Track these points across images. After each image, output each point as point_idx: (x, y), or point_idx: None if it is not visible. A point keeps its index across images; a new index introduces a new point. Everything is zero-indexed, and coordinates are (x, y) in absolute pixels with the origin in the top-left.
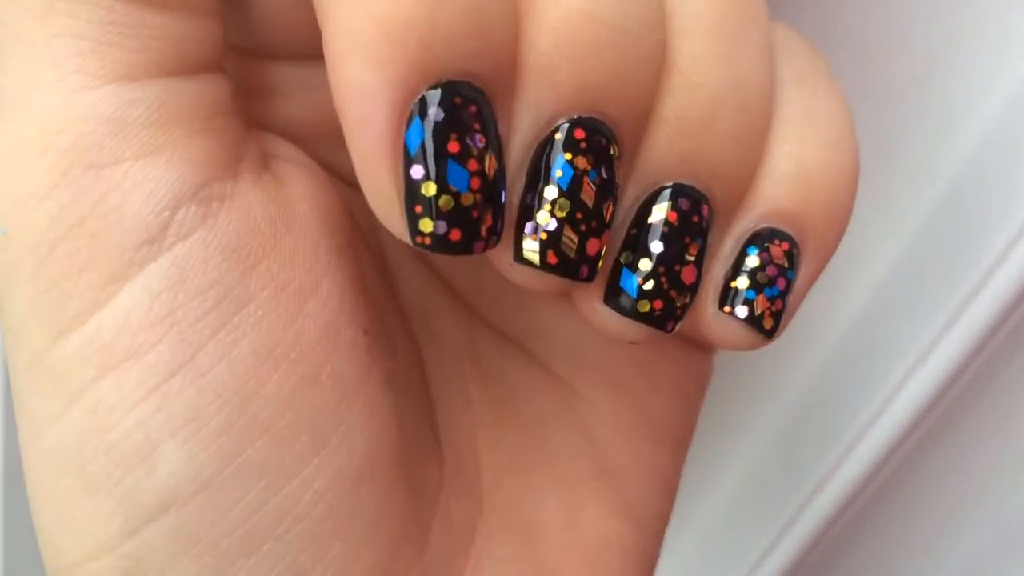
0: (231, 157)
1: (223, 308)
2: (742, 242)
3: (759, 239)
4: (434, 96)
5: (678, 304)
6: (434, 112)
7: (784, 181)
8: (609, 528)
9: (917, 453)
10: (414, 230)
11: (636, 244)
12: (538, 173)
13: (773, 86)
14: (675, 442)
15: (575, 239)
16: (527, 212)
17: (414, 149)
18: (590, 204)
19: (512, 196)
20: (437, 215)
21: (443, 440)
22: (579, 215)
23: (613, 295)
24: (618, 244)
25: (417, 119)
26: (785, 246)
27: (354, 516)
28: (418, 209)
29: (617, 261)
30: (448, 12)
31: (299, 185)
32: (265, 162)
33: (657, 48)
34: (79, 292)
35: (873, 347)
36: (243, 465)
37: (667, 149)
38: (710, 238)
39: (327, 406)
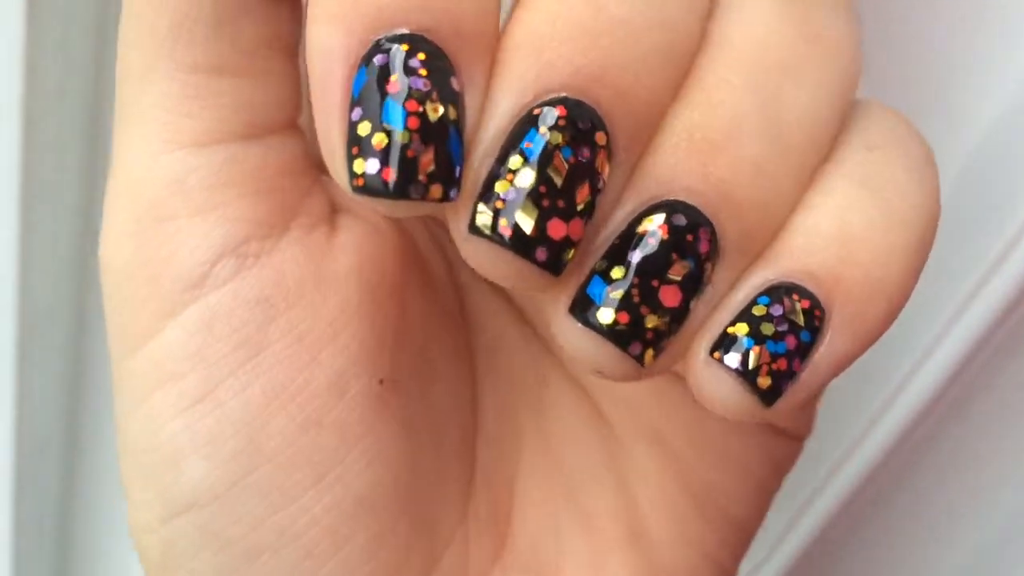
0: (281, 215)
1: (242, 352)
2: (757, 292)
3: (776, 291)
4: (381, 43)
5: (649, 325)
6: (378, 58)
7: (819, 238)
8: None
9: (918, 453)
10: (351, 174)
11: (616, 254)
12: (510, 145)
13: (831, 140)
14: (728, 522)
15: (534, 213)
16: (491, 182)
17: (356, 93)
18: (558, 181)
19: (482, 169)
20: (370, 153)
21: (482, 473)
22: (543, 189)
23: (578, 304)
24: (599, 255)
25: (363, 66)
26: (806, 304)
27: (348, 541)
28: (355, 151)
29: (593, 271)
30: None
31: (351, 238)
32: (327, 215)
33: (672, 53)
34: (141, 321)
35: (874, 347)
36: (249, 485)
37: (673, 162)
38: (716, 275)
39: (327, 447)
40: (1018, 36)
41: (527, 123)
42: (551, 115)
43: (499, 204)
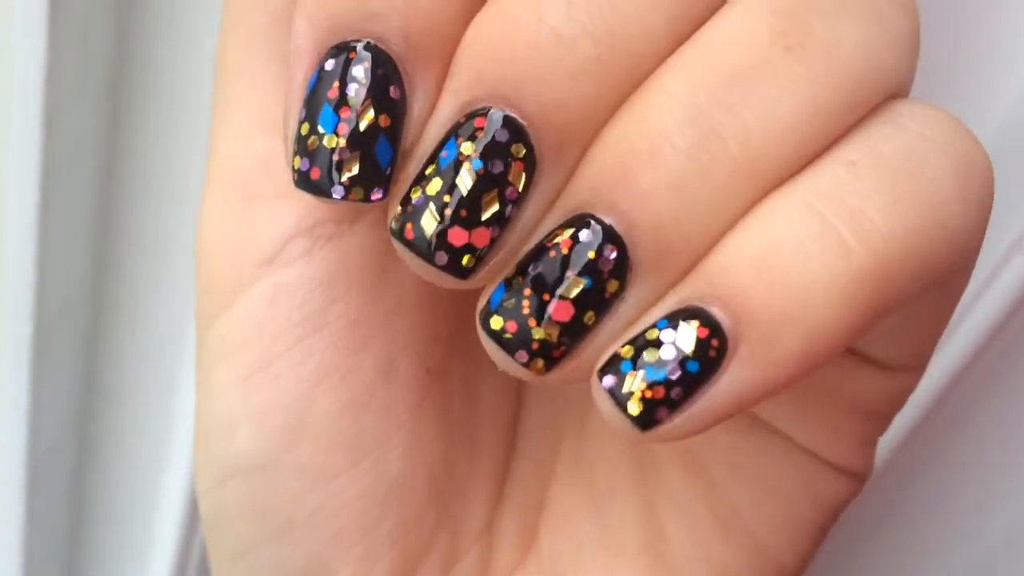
0: (357, 206)
1: (301, 328)
2: (663, 313)
3: (677, 315)
4: (336, 49)
5: (536, 336)
6: (328, 63)
7: (734, 258)
8: None
9: (918, 461)
10: (292, 168)
11: (523, 264)
12: (433, 153)
13: (800, 159)
14: (761, 553)
15: (435, 221)
16: (411, 186)
17: (308, 94)
18: (463, 192)
19: (413, 173)
20: (304, 153)
21: (515, 482)
22: (446, 198)
23: (484, 308)
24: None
25: (317, 68)
26: (702, 332)
27: (376, 527)
28: (295, 148)
29: (504, 277)
30: None
31: None
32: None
33: (611, 65)
34: (219, 293)
35: None
36: (290, 460)
37: (595, 174)
38: (628, 294)
39: (369, 431)
40: (1018, 43)
41: (451, 132)
42: (470, 125)
43: (409, 209)
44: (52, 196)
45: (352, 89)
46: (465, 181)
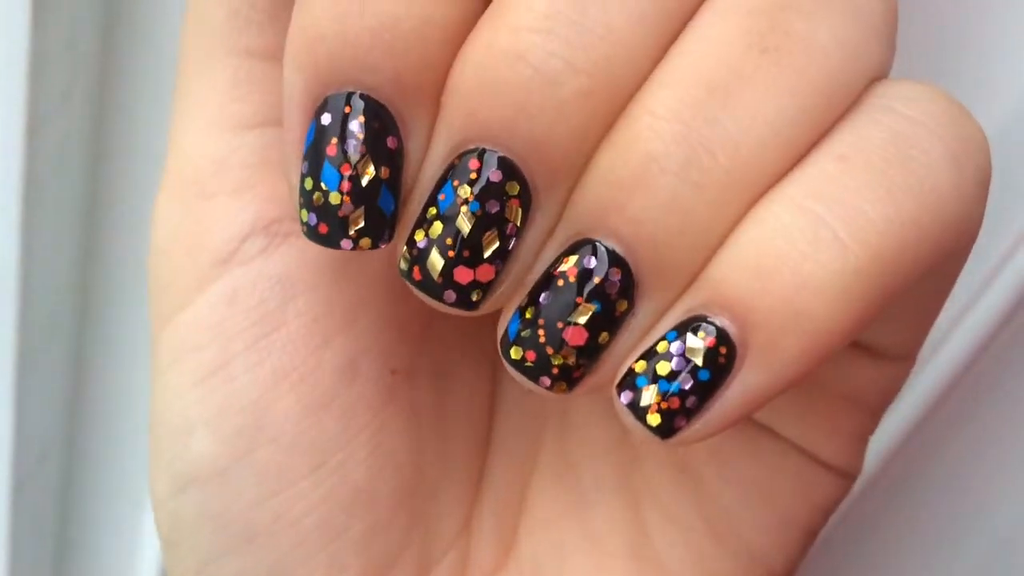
0: None
1: (258, 328)
2: (671, 325)
3: (684, 325)
4: (331, 102)
5: (555, 363)
6: (324, 117)
7: (733, 267)
8: None
9: (918, 461)
10: (300, 219)
11: (533, 294)
12: (432, 195)
13: (789, 160)
14: (751, 555)
15: (440, 263)
16: (414, 229)
17: (305, 148)
18: (464, 233)
19: (415, 212)
20: (311, 208)
21: (491, 484)
22: (448, 240)
23: (503, 338)
24: (527, 290)
25: (314, 122)
26: (711, 342)
27: (341, 533)
28: (300, 200)
29: (517, 307)
30: (357, 27)
31: None
32: None
33: (597, 95)
34: (175, 293)
35: None
36: (250, 464)
37: (588, 201)
38: (638, 309)
39: (330, 432)
40: (1019, 44)
41: (446, 175)
42: (465, 168)
43: (415, 252)
44: (36, 202)
45: (351, 146)
46: (465, 224)
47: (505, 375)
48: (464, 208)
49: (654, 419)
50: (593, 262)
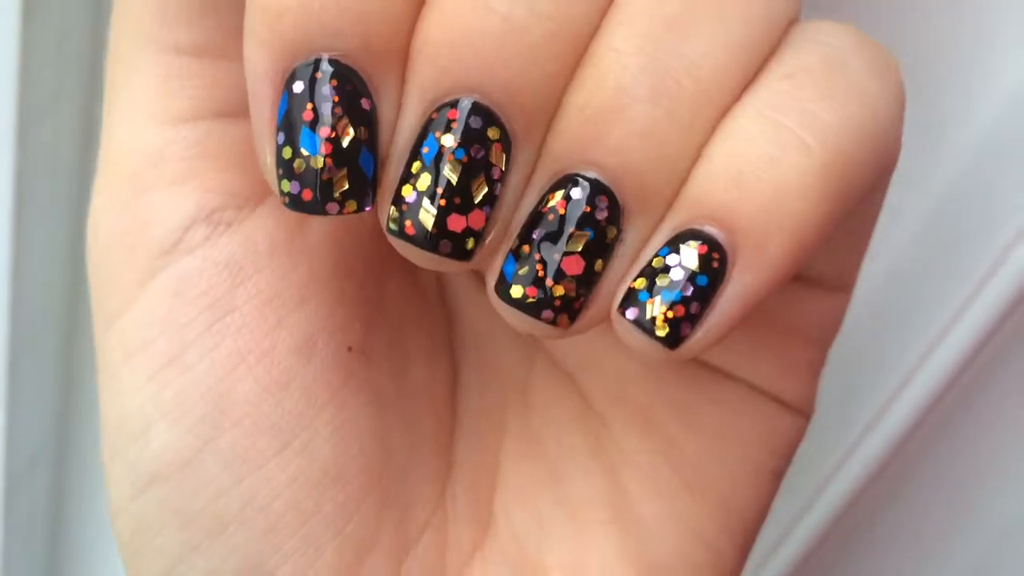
0: (257, 189)
1: (209, 314)
2: (660, 244)
3: (675, 240)
4: (300, 71)
5: (556, 294)
6: (296, 85)
7: (712, 180)
8: (616, 575)
9: (915, 458)
10: (280, 191)
11: (524, 233)
12: (414, 151)
13: (741, 81)
14: (724, 505)
15: (433, 213)
16: (400, 186)
17: (280, 118)
18: (453, 180)
19: (396, 172)
20: (292, 176)
21: (461, 462)
22: (439, 190)
23: (499, 281)
24: (515, 232)
25: (285, 92)
26: (702, 249)
27: (313, 515)
28: (280, 172)
29: (509, 250)
30: None
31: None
32: None
33: (563, 38)
34: (117, 292)
35: (871, 353)
36: (214, 452)
37: (566, 138)
38: (625, 235)
39: (292, 412)
40: (1014, 39)
41: (426, 128)
42: (444, 119)
43: (404, 207)
44: (27, 202)
45: (326, 108)
46: (453, 171)
47: (464, 355)
48: (450, 156)
49: (662, 329)
50: (580, 193)
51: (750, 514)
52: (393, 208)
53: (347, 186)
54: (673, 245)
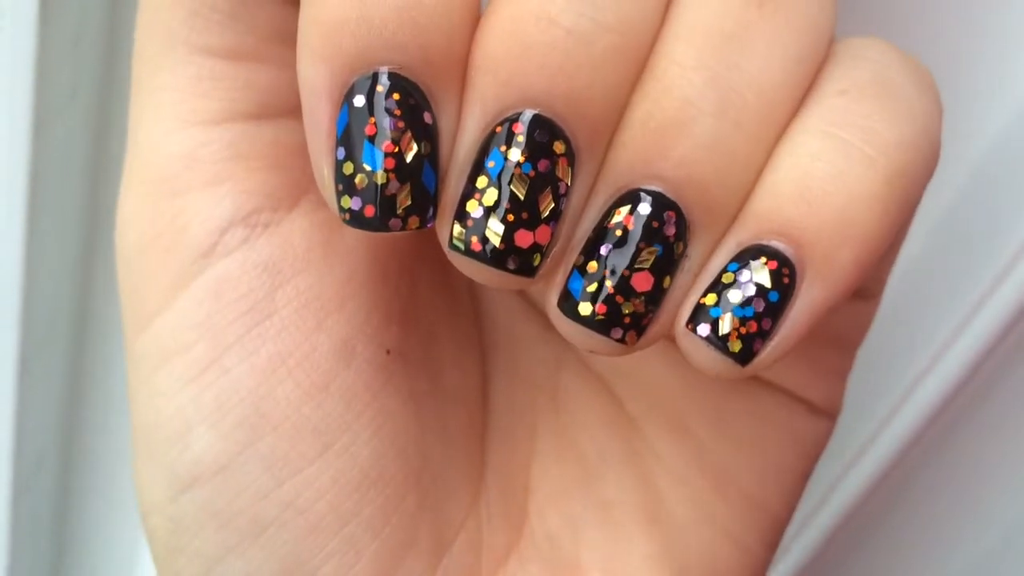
0: (292, 190)
1: (248, 318)
2: (727, 259)
3: (743, 255)
4: (359, 84)
5: (626, 311)
6: (357, 99)
7: (780, 195)
8: (650, 575)
9: (919, 464)
10: (340, 207)
11: (590, 249)
12: (478, 165)
13: (797, 97)
14: (752, 504)
15: (501, 229)
16: (463, 201)
17: (340, 132)
18: (520, 195)
19: (457, 188)
20: (353, 192)
21: (494, 464)
22: (507, 205)
23: (564, 298)
24: (578, 250)
25: (345, 106)
26: (772, 264)
27: (353, 517)
28: (339, 188)
29: (573, 266)
30: (380, 9)
31: None
32: None
33: (624, 51)
34: (152, 295)
35: (881, 358)
36: (254, 455)
37: (630, 151)
38: (690, 250)
39: (332, 415)
40: (1020, 51)
41: (489, 142)
42: (507, 132)
43: (470, 222)
44: (41, 200)
45: (388, 122)
46: (521, 186)
47: (494, 358)
48: (517, 171)
49: (735, 345)
50: (648, 208)
51: (778, 514)
52: (457, 224)
53: (410, 202)
54: (742, 260)
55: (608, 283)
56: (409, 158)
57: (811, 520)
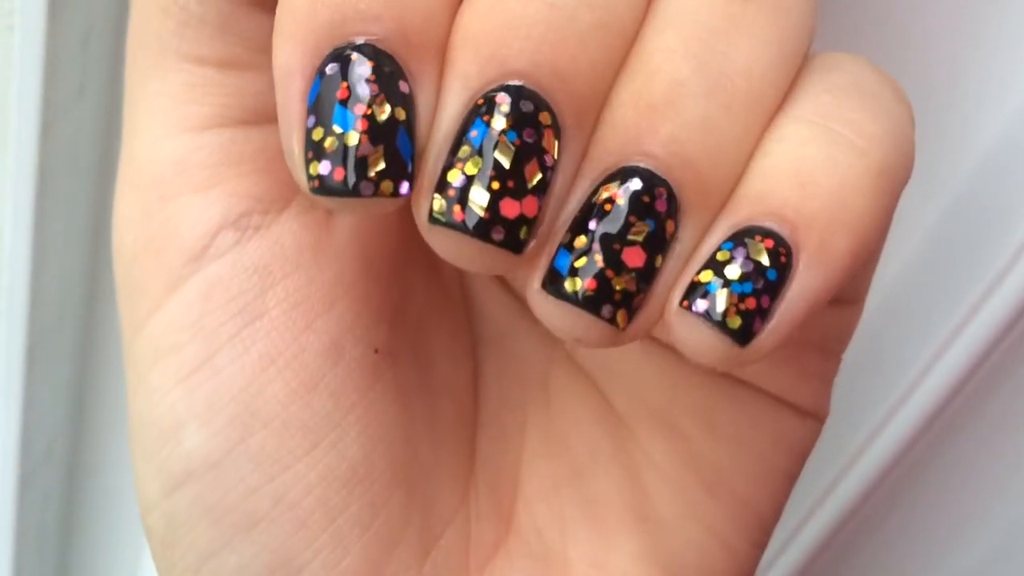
0: (282, 193)
1: (239, 319)
2: (721, 240)
3: (739, 235)
4: (332, 55)
5: (617, 287)
6: (330, 67)
7: (776, 178)
8: (637, 573)
9: (919, 465)
10: (308, 177)
11: (578, 226)
12: (459, 138)
13: (782, 90)
14: (741, 504)
15: (485, 196)
16: (444, 173)
17: (311, 103)
18: (506, 163)
19: (438, 163)
20: (324, 156)
21: (483, 460)
22: (492, 172)
23: (548, 278)
24: (564, 229)
25: (317, 78)
26: (769, 243)
27: (341, 512)
28: (310, 155)
29: (560, 244)
30: None
31: (348, 218)
32: None
33: (610, 30)
34: (146, 297)
35: (878, 359)
36: (245, 452)
37: (621, 130)
38: (680, 233)
39: (321, 412)
40: (1021, 50)
41: (473, 114)
42: (493, 103)
43: (451, 192)
44: (49, 198)
45: (362, 85)
46: (506, 154)
47: (485, 354)
48: (502, 139)
49: (734, 322)
50: (638, 183)
51: (766, 514)
52: (437, 196)
53: (383, 165)
54: (737, 239)
55: (598, 257)
56: (382, 119)
57: (809, 521)
